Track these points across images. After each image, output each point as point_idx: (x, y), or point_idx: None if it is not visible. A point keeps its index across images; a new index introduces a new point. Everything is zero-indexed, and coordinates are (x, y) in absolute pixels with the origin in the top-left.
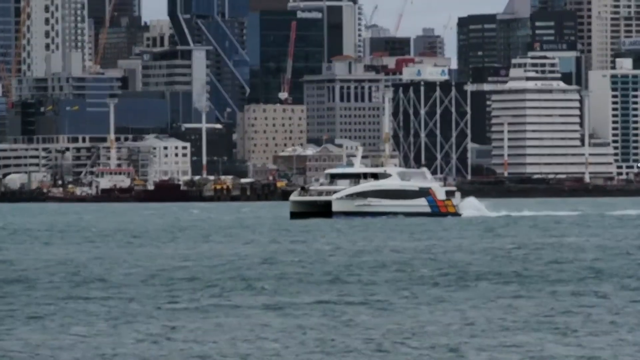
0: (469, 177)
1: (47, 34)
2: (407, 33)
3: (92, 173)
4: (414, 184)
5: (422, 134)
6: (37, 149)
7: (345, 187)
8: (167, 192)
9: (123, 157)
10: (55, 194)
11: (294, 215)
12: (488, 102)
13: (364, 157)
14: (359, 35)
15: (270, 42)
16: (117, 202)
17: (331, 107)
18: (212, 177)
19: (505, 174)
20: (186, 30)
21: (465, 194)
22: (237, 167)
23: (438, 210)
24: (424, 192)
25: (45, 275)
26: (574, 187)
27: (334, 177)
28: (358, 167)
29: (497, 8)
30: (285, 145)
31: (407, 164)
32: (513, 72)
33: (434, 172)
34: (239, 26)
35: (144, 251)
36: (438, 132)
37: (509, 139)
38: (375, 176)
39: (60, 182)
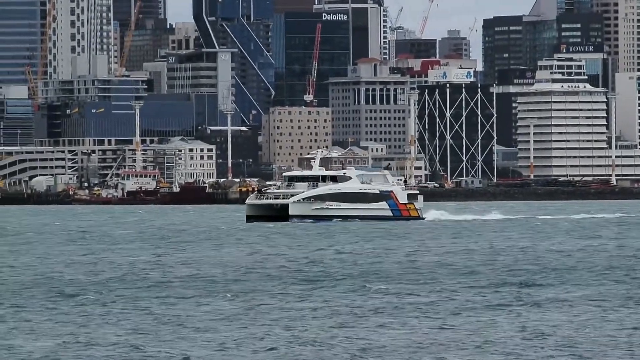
0: (494, 179)
1: (72, 37)
2: (433, 35)
3: (117, 175)
4: (374, 187)
5: (448, 137)
6: (63, 151)
7: (303, 190)
8: (192, 194)
9: (148, 159)
10: (81, 196)
11: (250, 218)
12: (514, 104)
13: (389, 159)
14: (384, 37)
15: (296, 45)
16: (143, 205)
17: (356, 109)
18: (237, 180)
19: (532, 177)
20: (211, 33)
21: (491, 196)
22: (262, 170)
23: (400, 214)
24: (385, 196)
25: None
26: (601, 190)
27: (291, 180)
28: (317, 170)
29: (523, 10)
30: (310, 147)
31: (433, 166)
32: (539, 74)
33: (459, 175)
34: (264, 28)
35: None
36: (464, 134)
37: (535, 141)
38: (334, 179)
39: (86, 184)
